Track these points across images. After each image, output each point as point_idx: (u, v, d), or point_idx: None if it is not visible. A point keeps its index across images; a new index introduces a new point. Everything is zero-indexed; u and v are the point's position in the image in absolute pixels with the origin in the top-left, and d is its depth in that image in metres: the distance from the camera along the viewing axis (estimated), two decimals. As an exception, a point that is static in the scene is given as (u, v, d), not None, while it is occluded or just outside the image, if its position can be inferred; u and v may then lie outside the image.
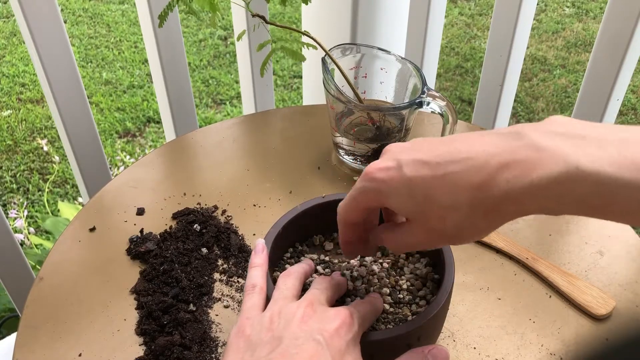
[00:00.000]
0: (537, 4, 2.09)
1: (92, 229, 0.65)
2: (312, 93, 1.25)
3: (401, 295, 0.48)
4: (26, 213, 1.58)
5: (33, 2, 0.81)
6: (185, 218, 0.65)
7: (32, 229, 1.60)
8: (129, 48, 2.60)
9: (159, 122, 2.18)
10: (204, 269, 0.60)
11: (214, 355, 0.52)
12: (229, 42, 2.62)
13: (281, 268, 0.52)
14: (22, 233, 1.50)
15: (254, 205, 0.68)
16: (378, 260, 0.52)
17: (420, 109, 0.67)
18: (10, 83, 2.37)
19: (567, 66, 2.48)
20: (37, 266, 1.27)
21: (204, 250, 0.62)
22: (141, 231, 0.64)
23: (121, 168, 1.83)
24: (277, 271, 0.51)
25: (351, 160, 0.73)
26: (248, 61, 1.07)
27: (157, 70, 0.99)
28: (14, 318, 1.20)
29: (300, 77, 2.42)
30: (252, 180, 0.72)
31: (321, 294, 0.43)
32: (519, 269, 0.61)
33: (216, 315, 0.56)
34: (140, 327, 0.54)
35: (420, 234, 0.38)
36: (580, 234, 0.64)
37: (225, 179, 0.72)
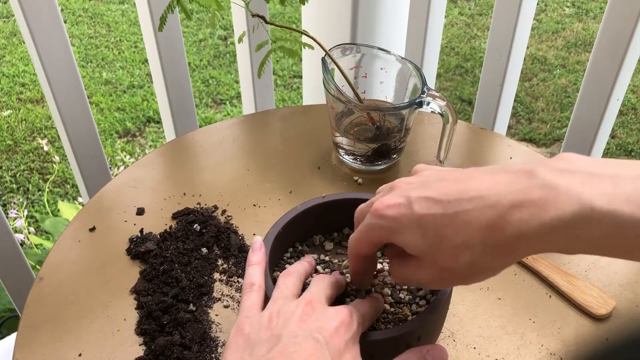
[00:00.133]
0: (537, 4, 2.09)
1: (92, 229, 0.65)
2: (312, 93, 1.25)
3: (401, 295, 0.48)
4: (26, 213, 1.58)
5: (33, 2, 0.81)
6: (185, 218, 0.65)
7: (32, 229, 1.60)
8: (129, 48, 2.60)
9: (159, 122, 2.18)
10: (204, 269, 0.60)
11: (214, 355, 0.52)
12: (229, 42, 2.62)
13: (281, 268, 0.52)
14: (22, 233, 1.50)
15: (254, 205, 0.68)
16: (378, 260, 0.52)
17: (420, 109, 0.67)
18: (10, 83, 2.37)
19: (567, 66, 2.48)
20: (37, 266, 1.27)
21: (204, 250, 0.62)
22: (141, 231, 0.64)
23: (121, 168, 1.83)
24: (277, 271, 0.51)
25: (351, 160, 0.73)
26: (248, 61, 1.07)
27: (157, 70, 0.99)
28: (14, 318, 1.20)
29: (300, 77, 2.42)
30: (252, 180, 0.72)
31: (320, 293, 0.42)
32: (519, 269, 0.61)
33: (216, 315, 0.56)
34: (140, 327, 0.54)
35: (431, 272, 0.38)
36: (580, 234, 0.64)
37: (225, 179, 0.72)
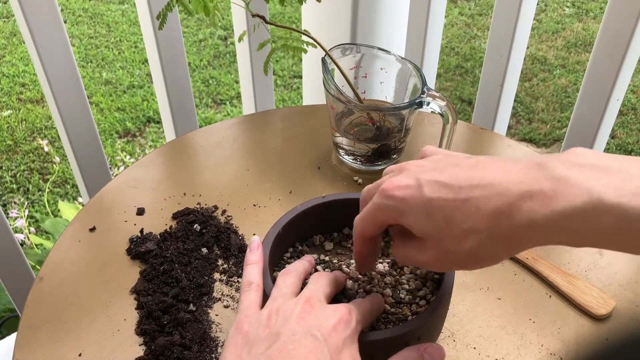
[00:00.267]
0: (537, 4, 2.09)
1: (92, 229, 0.65)
2: (312, 93, 1.25)
3: (401, 295, 0.48)
4: (26, 213, 1.58)
5: (33, 2, 0.81)
6: (185, 218, 0.65)
7: (33, 229, 1.60)
8: (129, 48, 2.60)
9: (159, 122, 2.18)
10: (204, 269, 0.60)
11: (214, 355, 0.52)
12: (229, 42, 2.62)
13: (281, 268, 0.52)
14: (23, 233, 1.50)
15: (254, 205, 0.68)
16: (378, 260, 0.52)
17: (420, 109, 0.67)
18: (10, 83, 2.37)
19: (567, 66, 2.48)
20: (37, 266, 1.27)
21: (204, 250, 0.62)
22: (141, 231, 0.64)
23: (121, 168, 1.83)
24: (277, 271, 0.51)
25: (351, 160, 0.73)
26: (248, 61, 1.07)
27: (157, 70, 0.99)
28: (14, 318, 1.20)
29: (300, 77, 2.42)
30: (252, 180, 0.72)
31: (319, 291, 0.43)
32: (519, 269, 0.61)
33: (216, 315, 0.56)
34: (140, 327, 0.54)
35: (433, 254, 0.38)
36: (580, 234, 0.64)
37: (225, 179, 0.72)
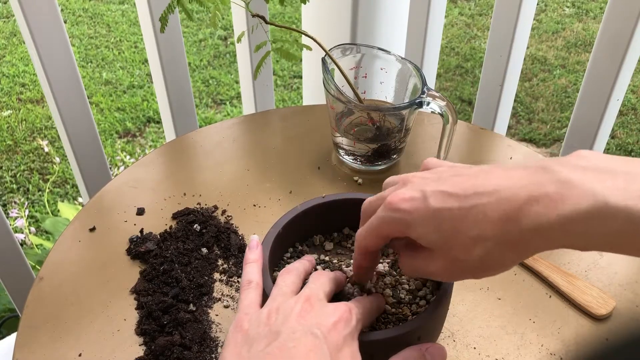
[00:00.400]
0: (537, 4, 2.09)
1: (92, 229, 0.65)
2: (312, 93, 1.25)
3: (401, 295, 0.48)
4: (26, 213, 1.58)
5: (33, 2, 0.81)
6: (185, 218, 0.65)
7: (33, 229, 1.60)
8: (129, 48, 2.60)
9: (159, 122, 2.18)
10: (204, 269, 0.60)
11: (214, 355, 0.52)
12: (229, 42, 2.62)
13: (281, 268, 0.52)
14: (23, 233, 1.50)
15: (254, 205, 0.68)
16: (378, 260, 0.52)
17: (420, 109, 0.67)
18: (10, 83, 2.37)
19: (567, 66, 2.48)
20: (37, 266, 1.27)
21: (204, 250, 0.62)
22: (141, 231, 0.64)
23: (121, 168, 1.83)
24: (277, 271, 0.51)
25: (351, 160, 0.73)
26: (248, 61, 1.07)
27: (157, 70, 0.99)
28: (14, 318, 1.20)
29: (300, 77, 2.42)
30: (252, 180, 0.72)
31: (319, 289, 0.42)
32: (519, 269, 0.61)
33: (216, 315, 0.56)
34: (140, 327, 0.54)
35: (442, 264, 0.38)
36: (580, 234, 0.64)
37: (225, 179, 0.72)
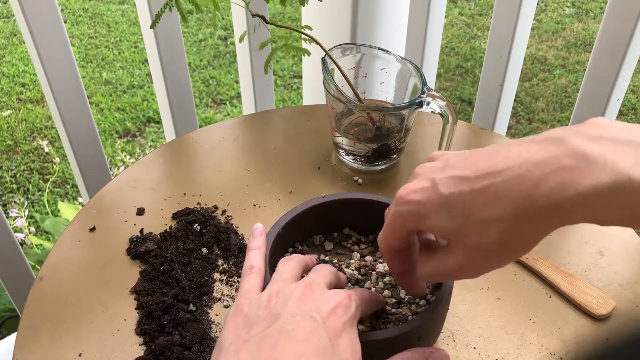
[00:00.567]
0: (537, 4, 2.09)
1: (92, 229, 0.65)
2: (312, 93, 1.25)
3: (401, 295, 0.48)
4: (26, 213, 1.58)
5: (33, 2, 0.81)
6: (185, 218, 0.65)
7: (33, 229, 1.60)
8: (129, 48, 2.60)
9: (159, 122, 2.18)
10: (204, 269, 0.60)
11: (214, 355, 0.52)
12: (229, 42, 2.62)
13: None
14: (23, 233, 1.50)
15: (254, 205, 0.68)
16: (379, 260, 0.52)
17: (420, 109, 0.67)
18: (10, 83, 2.37)
19: (567, 66, 2.48)
20: (37, 266, 1.27)
21: (204, 250, 0.62)
22: (141, 231, 0.64)
23: (121, 168, 1.83)
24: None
25: (351, 160, 0.73)
26: (248, 61, 1.07)
27: (157, 70, 0.99)
28: (14, 318, 1.20)
29: (300, 77, 2.42)
30: (252, 180, 0.72)
31: (321, 279, 0.42)
32: (519, 269, 0.61)
33: (216, 315, 0.56)
34: (140, 327, 0.54)
35: (460, 257, 0.36)
36: (580, 234, 0.64)
37: (225, 179, 0.72)
